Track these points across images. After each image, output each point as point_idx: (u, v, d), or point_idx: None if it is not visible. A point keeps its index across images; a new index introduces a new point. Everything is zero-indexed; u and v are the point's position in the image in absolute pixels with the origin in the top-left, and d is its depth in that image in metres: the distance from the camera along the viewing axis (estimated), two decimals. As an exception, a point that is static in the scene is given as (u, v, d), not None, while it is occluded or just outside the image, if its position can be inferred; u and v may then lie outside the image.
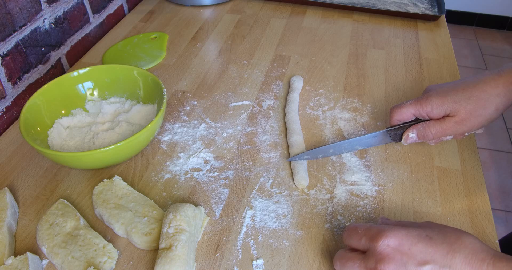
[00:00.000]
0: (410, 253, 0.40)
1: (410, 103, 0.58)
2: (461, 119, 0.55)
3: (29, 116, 0.61)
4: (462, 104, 0.54)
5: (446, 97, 0.55)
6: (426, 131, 0.57)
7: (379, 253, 0.41)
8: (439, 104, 0.55)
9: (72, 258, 0.48)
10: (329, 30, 0.94)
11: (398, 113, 0.59)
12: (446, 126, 0.56)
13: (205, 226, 0.55)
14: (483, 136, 2.04)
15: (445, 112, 0.55)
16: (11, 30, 0.70)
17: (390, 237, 0.41)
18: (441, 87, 0.57)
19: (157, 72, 0.82)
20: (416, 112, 0.57)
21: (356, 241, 0.44)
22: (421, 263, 0.40)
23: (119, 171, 0.62)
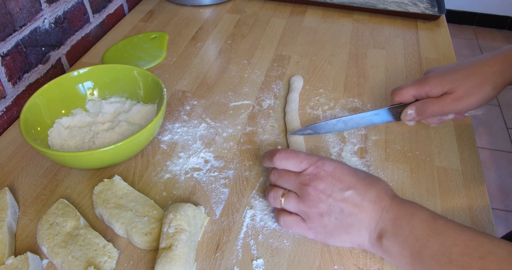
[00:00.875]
0: (339, 179, 0.48)
1: (410, 85, 0.60)
2: (459, 96, 0.56)
3: (29, 116, 0.61)
4: (460, 82, 0.56)
5: (445, 76, 0.57)
6: (424, 108, 0.59)
7: (315, 173, 0.49)
8: (438, 83, 0.57)
9: (72, 258, 0.48)
10: (329, 30, 0.94)
11: (399, 95, 0.61)
12: (444, 103, 0.57)
13: (205, 225, 0.55)
14: (483, 136, 2.04)
15: (443, 90, 0.57)
16: (11, 30, 0.70)
17: (327, 164, 0.49)
18: (440, 68, 0.59)
19: (157, 72, 0.82)
20: (416, 92, 0.59)
21: (296, 164, 0.50)
22: (345, 189, 0.47)
23: (119, 171, 0.62)
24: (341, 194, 0.47)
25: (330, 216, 0.48)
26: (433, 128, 0.69)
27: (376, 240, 0.46)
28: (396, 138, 0.67)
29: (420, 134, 0.68)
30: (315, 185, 0.48)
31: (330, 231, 0.49)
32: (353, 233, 0.48)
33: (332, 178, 0.48)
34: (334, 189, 0.48)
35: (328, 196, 0.48)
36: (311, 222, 0.49)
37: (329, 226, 0.48)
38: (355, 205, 0.47)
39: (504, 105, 2.23)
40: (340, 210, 0.47)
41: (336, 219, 0.48)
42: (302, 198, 0.49)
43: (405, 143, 0.66)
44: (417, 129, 0.68)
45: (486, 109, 2.18)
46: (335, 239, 0.49)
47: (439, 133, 0.68)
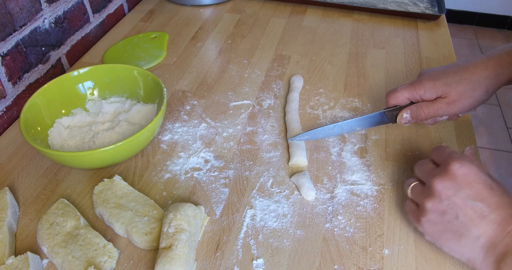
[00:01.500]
0: (470, 185, 0.45)
1: (405, 87, 0.60)
2: (452, 100, 0.57)
3: (29, 116, 0.61)
4: (453, 86, 0.56)
5: (438, 80, 0.57)
6: (419, 111, 0.59)
7: (448, 169, 0.46)
8: (431, 87, 0.58)
9: (72, 257, 0.48)
10: (329, 30, 0.94)
11: (393, 97, 0.61)
12: (438, 107, 0.58)
13: (205, 225, 0.55)
14: (483, 136, 2.04)
15: (437, 94, 0.58)
16: (11, 30, 0.70)
17: (465, 166, 0.46)
18: (433, 71, 0.59)
19: (157, 72, 0.82)
20: (410, 95, 0.60)
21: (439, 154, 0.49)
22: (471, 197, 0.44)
23: (119, 171, 0.62)
24: (464, 201, 0.44)
25: (443, 217, 0.46)
26: (433, 128, 0.69)
27: (493, 263, 0.43)
28: (396, 137, 0.67)
29: (420, 134, 0.68)
30: (441, 180, 0.46)
31: (439, 232, 0.47)
32: (464, 245, 0.45)
33: (462, 181, 0.45)
34: (458, 193, 0.45)
35: (449, 196, 0.45)
36: (422, 215, 0.48)
37: (437, 227, 0.47)
38: (475, 218, 0.44)
39: (504, 104, 2.23)
40: (455, 215, 0.45)
41: (449, 222, 0.45)
42: (425, 189, 0.48)
43: (405, 142, 0.66)
44: (417, 129, 0.68)
45: (486, 109, 2.18)
46: (443, 243, 0.47)
47: (439, 132, 0.68)
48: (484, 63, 0.57)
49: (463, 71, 0.57)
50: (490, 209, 0.44)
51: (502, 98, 2.27)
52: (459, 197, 0.45)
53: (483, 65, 0.56)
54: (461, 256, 0.46)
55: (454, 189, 0.45)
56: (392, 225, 0.55)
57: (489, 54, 0.58)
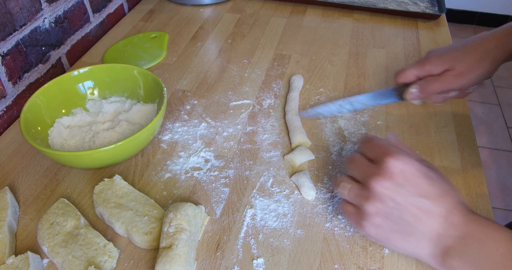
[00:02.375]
0: (410, 182, 0.43)
1: (412, 65, 0.60)
2: (460, 72, 0.57)
3: (30, 116, 0.61)
4: (460, 58, 0.57)
5: (445, 55, 0.58)
6: (427, 85, 0.59)
7: (386, 167, 0.44)
8: (438, 61, 0.58)
9: (72, 257, 0.48)
10: (329, 29, 0.94)
11: (402, 76, 0.61)
12: (446, 79, 0.58)
13: (206, 225, 0.55)
14: (483, 135, 2.04)
15: (444, 68, 0.58)
16: (11, 30, 0.70)
17: (401, 160, 0.44)
18: (440, 48, 0.60)
19: (157, 72, 0.82)
20: (418, 72, 0.60)
21: (371, 150, 0.47)
22: (414, 195, 0.43)
23: (120, 171, 0.62)
24: (406, 199, 0.43)
25: (386, 219, 0.44)
26: (434, 128, 0.69)
27: (440, 257, 0.43)
28: (396, 137, 0.67)
29: (420, 133, 0.68)
30: (380, 180, 0.44)
31: (383, 234, 0.45)
32: (411, 242, 0.44)
33: (401, 179, 0.44)
34: (400, 193, 0.43)
35: (390, 199, 0.43)
36: (365, 219, 0.45)
37: (385, 228, 0.45)
38: (418, 216, 0.43)
39: (504, 104, 2.23)
40: (400, 216, 0.43)
41: (394, 223, 0.44)
42: (363, 191, 0.45)
43: (406, 142, 0.66)
44: (418, 128, 0.68)
45: (487, 109, 2.18)
46: (389, 243, 0.46)
47: (440, 132, 0.68)
48: (490, 36, 0.57)
49: (470, 45, 0.57)
50: (433, 203, 0.43)
51: (503, 98, 2.27)
52: (401, 196, 0.43)
53: (489, 37, 0.57)
54: (408, 253, 0.46)
55: (394, 188, 0.43)
56: (392, 224, 0.55)
57: (494, 30, 0.58)
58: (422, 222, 0.43)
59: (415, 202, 0.43)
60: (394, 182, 0.43)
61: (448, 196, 0.44)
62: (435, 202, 0.43)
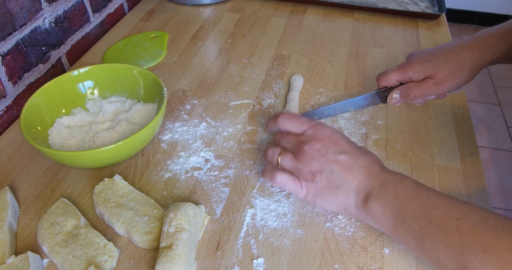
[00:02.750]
0: (335, 143, 0.52)
1: (394, 69, 0.63)
2: (439, 80, 0.60)
3: (30, 115, 0.61)
4: (440, 68, 0.59)
5: (426, 62, 0.60)
6: (408, 91, 0.62)
7: (313, 135, 0.52)
8: (420, 68, 0.60)
9: (72, 257, 0.48)
10: (329, 29, 0.94)
11: (384, 79, 0.64)
12: (426, 87, 0.61)
13: (206, 225, 0.55)
14: (483, 135, 2.04)
15: (425, 75, 0.61)
16: (11, 30, 0.70)
17: (325, 128, 0.53)
18: (422, 53, 0.62)
19: (158, 71, 0.82)
20: (400, 77, 0.62)
21: (297, 125, 0.54)
22: (339, 152, 0.51)
23: (120, 170, 0.62)
24: (334, 156, 0.50)
25: (321, 175, 0.51)
26: (434, 127, 0.69)
27: (362, 202, 0.49)
28: (396, 137, 0.67)
29: (420, 133, 0.68)
30: (312, 144, 0.51)
31: (320, 190, 0.51)
32: (340, 194, 0.50)
33: (328, 141, 0.52)
34: (328, 150, 0.51)
35: (321, 156, 0.51)
36: (304, 180, 0.52)
37: (319, 184, 0.51)
38: (346, 168, 0.50)
39: (504, 104, 2.23)
40: (330, 170, 0.50)
41: (326, 178, 0.50)
42: (298, 156, 0.52)
43: (406, 142, 0.66)
44: (418, 128, 0.68)
45: (487, 109, 2.18)
46: (324, 199, 0.51)
47: (440, 132, 0.68)
48: (469, 45, 0.60)
49: (449, 54, 0.60)
50: (355, 158, 0.50)
51: (503, 98, 2.27)
52: (330, 154, 0.51)
53: (468, 47, 0.60)
54: (339, 206, 0.51)
55: (324, 148, 0.51)
56: (393, 224, 0.55)
57: (474, 37, 0.61)
58: (348, 174, 0.50)
59: (342, 158, 0.50)
60: (323, 144, 0.51)
61: (366, 153, 0.52)
62: (357, 157, 0.51)
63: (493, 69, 2.44)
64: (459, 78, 0.60)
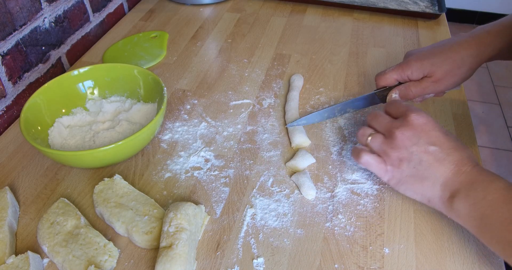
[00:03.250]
0: (428, 133, 0.50)
1: (393, 69, 0.63)
2: (437, 79, 0.60)
3: (30, 115, 0.61)
4: (438, 66, 0.59)
5: (424, 61, 0.60)
6: (407, 91, 0.62)
7: (408, 120, 0.51)
8: (418, 67, 0.60)
9: (73, 257, 0.48)
10: (329, 29, 0.94)
11: (382, 79, 0.64)
12: (425, 85, 0.61)
13: (206, 224, 0.55)
14: (483, 134, 2.04)
15: (424, 74, 0.61)
16: (11, 29, 0.70)
17: (421, 116, 0.51)
18: (419, 52, 0.62)
19: (158, 71, 0.82)
20: (398, 76, 0.62)
21: (396, 108, 0.54)
22: (431, 143, 0.49)
23: (120, 170, 0.62)
24: (425, 147, 0.49)
25: (409, 163, 0.50)
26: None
27: (448, 198, 0.48)
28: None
29: (420, 133, 0.68)
30: (404, 130, 0.51)
31: (405, 177, 0.51)
32: (426, 185, 0.50)
33: (421, 130, 0.50)
34: (420, 140, 0.50)
35: (412, 144, 0.50)
36: (390, 164, 0.52)
37: (405, 172, 0.51)
38: (436, 160, 0.49)
39: (504, 103, 2.22)
40: (419, 160, 0.50)
41: (414, 168, 0.50)
42: (388, 140, 0.52)
43: (406, 141, 0.66)
44: (418, 128, 0.68)
45: (487, 108, 2.18)
46: (407, 187, 0.52)
47: (440, 131, 0.68)
48: (467, 42, 0.60)
49: (447, 51, 0.60)
50: (447, 152, 0.49)
51: (503, 97, 2.27)
52: (421, 144, 0.50)
53: (466, 44, 0.60)
54: (423, 197, 0.51)
55: (416, 137, 0.50)
56: (393, 224, 0.55)
57: (471, 34, 0.61)
58: (437, 167, 0.49)
59: (433, 150, 0.49)
60: (416, 132, 0.50)
61: (460, 149, 0.50)
62: (449, 152, 0.49)
63: (493, 68, 2.44)
64: (458, 76, 0.60)
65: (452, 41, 0.61)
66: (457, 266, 0.50)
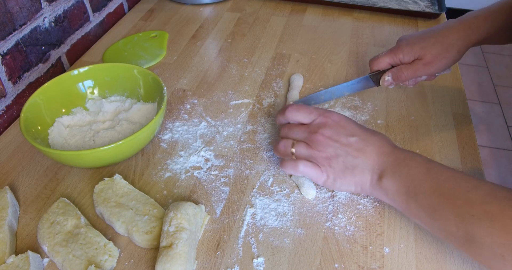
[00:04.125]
0: (345, 127, 0.54)
1: (385, 53, 0.66)
2: (428, 61, 0.63)
3: (30, 115, 0.61)
4: (428, 49, 0.62)
5: (415, 44, 0.63)
6: (399, 73, 0.65)
7: (323, 122, 0.55)
8: (409, 51, 0.63)
9: (73, 256, 0.49)
10: (329, 28, 0.94)
11: (376, 63, 0.66)
12: (416, 68, 0.63)
13: (206, 224, 0.55)
14: (483, 134, 2.04)
15: (414, 57, 0.63)
16: (11, 29, 0.70)
17: (334, 114, 0.56)
18: (411, 37, 0.65)
19: (157, 71, 0.82)
20: (391, 60, 0.65)
21: (306, 115, 0.57)
22: (350, 135, 0.54)
23: (120, 170, 0.62)
24: (346, 139, 0.53)
25: (337, 159, 0.53)
26: (434, 127, 0.69)
27: (377, 180, 0.52)
28: (396, 136, 0.67)
29: (420, 132, 0.68)
30: (323, 132, 0.54)
31: (338, 173, 0.54)
32: (357, 174, 0.53)
33: (338, 126, 0.54)
34: (340, 135, 0.53)
35: (334, 141, 0.53)
36: (322, 166, 0.54)
37: (337, 168, 0.54)
38: (359, 149, 0.53)
39: (504, 103, 2.22)
40: (345, 153, 0.53)
41: (342, 162, 0.53)
42: (312, 145, 0.55)
43: (406, 141, 0.66)
44: (418, 127, 0.69)
45: (487, 108, 2.18)
46: (342, 182, 0.54)
47: (440, 131, 0.68)
48: (456, 27, 0.63)
49: (437, 35, 0.63)
50: (366, 139, 0.53)
51: (502, 97, 2.27)
52: (342, 139, 0.53)
53: (454, 29, 0.62)
54: (356, 186, 0.54)
55: (336, 134, 0.54)
56: (393, 223, 0.55)
57: (460, 19, 0.64)
58: (361, 154, 0.52)
59: (354, 140, 0.53)
60: (334, 130, 0.54)
61: (376, 134, 0.55)
62: (368, 138, 0.53)
63: (493, 68, 2.44)
64: (447, 58, 0.62)
65: (442, 26, 0.64)
66: (457, 266, 0.50)
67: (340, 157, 0.53)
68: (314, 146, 0.54)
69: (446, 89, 0.76)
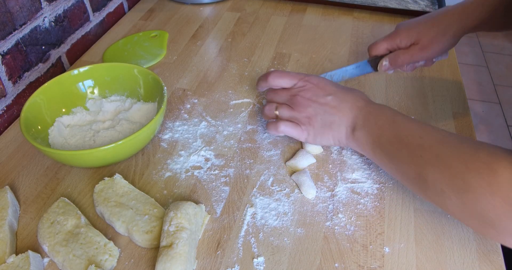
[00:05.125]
0: (323, 88, 0.60)
1: (383, 39, 0.67)
2: (424, 46, 0.64)
3: (30, 115, 0.61)
4: (424, 33, 0.63)
5: (412, 29, 0.65)
6: (396, 58, 0.66)
7: (303, 85, 0.61)
8: (406, 35, 0.65)
9: (73, 256, 0.49)
10: (329, 28, 0.94)
11: (374, 49, 0.68)
12: (413, 52, 0.65)
13: (206, 224, 0.55)
14: (483, 133, 2.04)
15: (411, 41, 0.65)
16: (11, 29, 0.70)
17: (313, 78, 0.61)
18: (408, 22, 0.66)
19: (158, 70, 0.82)
20: (388, 45, 0.67)
21: (287, 80, 0.62)
22: (327, 95, 0.59)
23: (120, 170, 0.62)
24: (324, 99, 0.59)
25: (316, 117, 0.59)
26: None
27: (351, 133, 0.57)
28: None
29: (420, 132, 0.68)
30: (303, 94, 0.60)
31: (317, 130, 0.59)
32: (335, 129, 0.58)
33: (316, 88, 0.60)
34: (318, 96, 0.59)
35: (313, 102, 0.59)
36: (303, 124, 0.60)
37: (316, 126, 0.59)
38: (335, 107, 0.58)
39: (504, 102, 2.22)
40: (323, 112, 0.58)
41: (321, 119, 0.58)
42: (293, 107, 0.60)
43: (406, 141, 0.66)
44: (418, 127, 0.68)
45: (487, 107, 2.18)
46: (322, 137, 0.59)
47: (440, 131, 0.68)
48: (451, 11, 0.63)
49: (433, 20, 0.64)
50: (342, 96, 0.58)
51: (502, 96, 2.27)
52: (320, 98, 0.59)
53: (450, 13, 0.63)
54: (334, 139, 0.59)
55: (314, 95, 0.59)
56: (393, 223, 0.55)
57: (457, 4, 0.64)
58: (338, 111, 0.58)
59: (330, 99, 0.58)
60: (313, 91, 0.59)
61: (352, 91, 0.60)
62: (343, 95, 0.59)
63: (493, 68, 2.44)
64: (443, 43, 0.63)
65: (439, 11, 0.65)
66: (457, 265, 0.50)
67: (319, 116, 0.58)
68: (296, 107, 0.60)
69: (446, 89, 0.76)
